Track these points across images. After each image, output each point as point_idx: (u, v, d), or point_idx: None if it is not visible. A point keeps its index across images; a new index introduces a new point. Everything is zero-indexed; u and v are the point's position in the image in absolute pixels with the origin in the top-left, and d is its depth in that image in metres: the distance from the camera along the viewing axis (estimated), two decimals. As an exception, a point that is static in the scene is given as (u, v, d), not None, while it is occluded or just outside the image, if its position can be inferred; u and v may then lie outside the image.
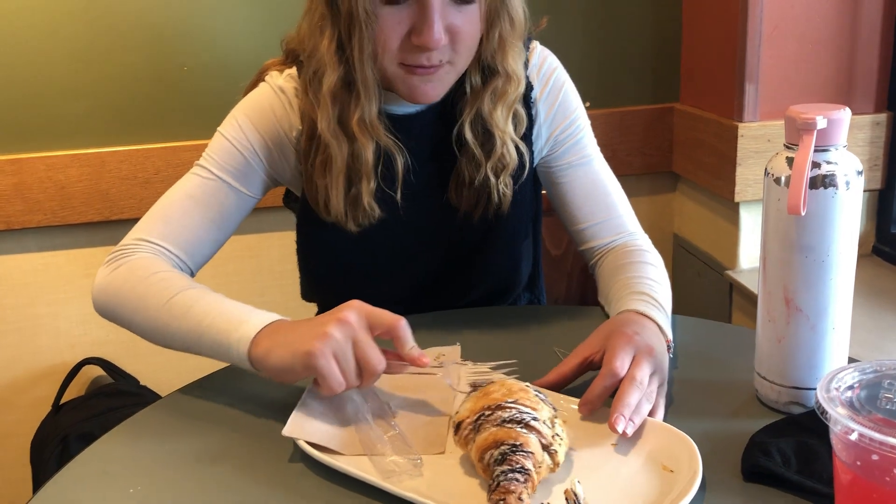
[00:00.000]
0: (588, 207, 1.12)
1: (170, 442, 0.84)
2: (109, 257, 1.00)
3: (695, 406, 0.85)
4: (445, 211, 1.08)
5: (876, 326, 1.42)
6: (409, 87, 0.97)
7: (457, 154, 1.06)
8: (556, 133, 1.12)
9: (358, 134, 0.98)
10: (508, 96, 1.03)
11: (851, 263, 0.78)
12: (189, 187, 1.03)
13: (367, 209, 1.02)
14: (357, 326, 0.79)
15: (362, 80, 0.96)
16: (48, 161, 1.68)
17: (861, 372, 0.56)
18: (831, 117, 0.75)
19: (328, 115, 0.98)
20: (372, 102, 0.98)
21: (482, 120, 1.04)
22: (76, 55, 1.65)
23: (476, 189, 1.06)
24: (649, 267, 1.04)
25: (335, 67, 0.96)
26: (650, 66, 1.85)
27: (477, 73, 1.03)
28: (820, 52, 1.61)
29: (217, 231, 1.04)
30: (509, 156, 1.05)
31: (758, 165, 1.62)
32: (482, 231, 1.10)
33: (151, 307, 0.92)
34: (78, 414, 1.68)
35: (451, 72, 0.98)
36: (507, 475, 0.67)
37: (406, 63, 0.95)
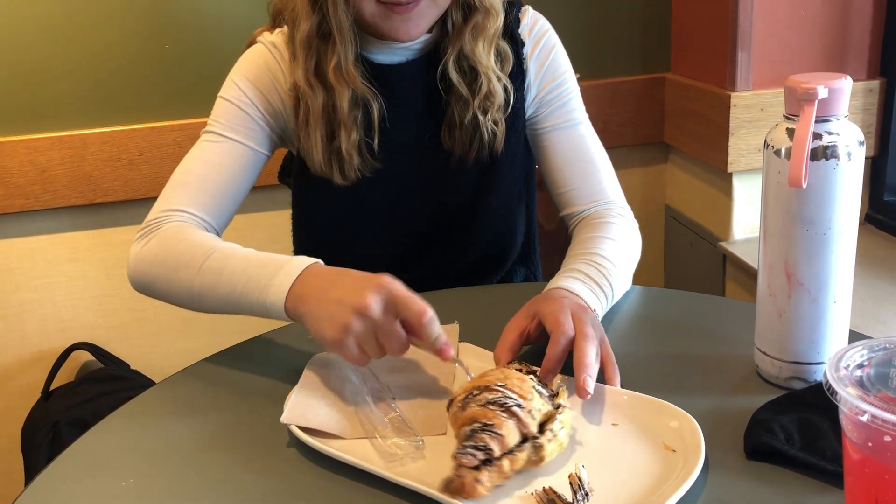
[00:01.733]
0: (569, 171, 1.12)
1: (164, 430, 0.83)
2: (139, 234, 1.00)
3: (694, 383, 0.84)
4: (440, 159, 1.09)
5: (871, 295, 1.42)
6: (389, 27, 0.98)
7: (444, 99, 1.06)
8: (542, 93, 1.12)
9: (333, 82, 1.00)
10: (488, 30, 1.04)
11: (853, 236, 0.77)
12: (202, 153, 1.04)
13: (346, 159, 1.03)
14: (380, 317, 0.78)
15: (337, 25, 0.97)
16: (29, 144, 1.64)
17: (870, 350, 0.55)
18: (832, 87, 0.73)
19: (304, 65, 1.00)
20: (348, 49, 0.99)
21: (466, 58, 1.04)
22: (55, 35, 1.61)
23: (466, 129, 1.06)
24: (607, 242, 1.03)
25: (308, 16, 0.98)
26: (640, 36, 1.83)
27: (458, 11, 1.04)
28: (812, 18, 1.59)
29: (236, 190, 1.05)
30: (495, 92, 1.05)
31: (751, 135, 1.61)
32: (477, 179, 1.10)
33: (185, 277, 0.92)
34: (68, 400, 1.66)
35: (431, 6, 0.99)
36: (464, 449, 0.67)
37: (384, 1, 0.95)
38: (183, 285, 0.93)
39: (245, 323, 1.83)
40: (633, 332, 0.96)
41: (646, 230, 2.03)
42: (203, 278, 0.91)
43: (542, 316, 0.85)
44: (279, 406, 0.79)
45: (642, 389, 0.79)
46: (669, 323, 0.98)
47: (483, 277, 1.18)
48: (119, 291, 1.79)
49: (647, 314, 1.01)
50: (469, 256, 1.16)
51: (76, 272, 1.76)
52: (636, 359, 0.89)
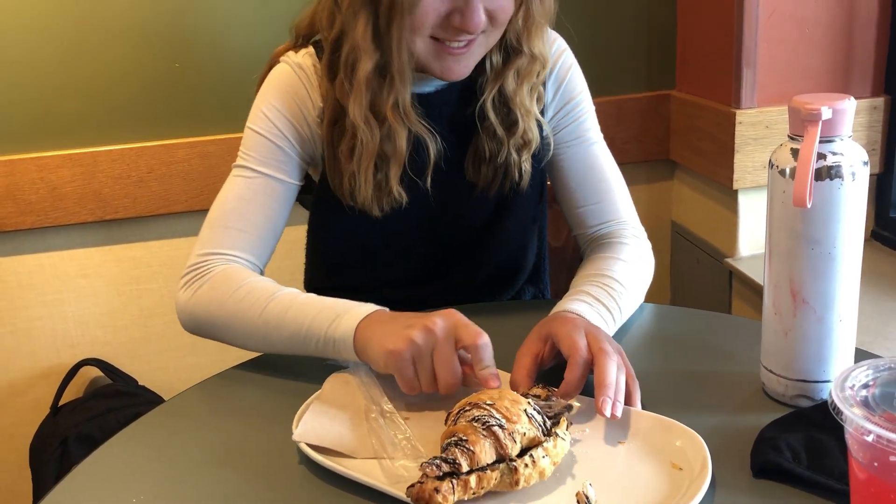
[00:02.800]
0: (583, 190, 1.12)
1: (173, 447, 0.83)
2: (185, 279, 1.01)
3: (701, 400, 0.84)
4: (461, 188, 1.09)
5: (877, 312, 1.42)
6: (441, 67, 0.97)
7: (477, 130, 1.06)
8: (559, 113, 1.13)
9: (392, 120, 0.99)
10: (533, 76, 1.04)
11: (858, 254, 0.78)
12: (237, 190, 1.03)
13: (395, 195, 1.03)
14: (441, 336, 0.80)
15: (398, 66, 0.95)
16: (40, 162, 1.66)
17: (876, 369, 0.55)
18: (836, 107, 0.74)
19: (361, 102, 0.98)
20: (406, 88, 0.98)
21: (504, 98, 1.04)
22: (66, 53, 1.63)
23: (497, 166, 1.07)
24: (618, 263, 1.03)
25: (371, 54, 0.95)
26: (646, 54, 1.84)
27: (498, 53, 1.04)
28: (818, 36, 1.60)
29: (274, 225, 1.05)
30: (532, 133, 1.06)
31: (756, 152, 1.61)
32: (495, 208, 1.11)
33: (247, 320, 0.94)
34: (77, 416, 1.67)
35: (482, 45, 0.98)
36: (431, 461, 0.67)
37: (438, 38, 0.95)
38: (247, 327, 0.94)
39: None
40: (640, 350, 0.96)
41: (652, 246, 2.04)
42: (268, 319, 0.93)
43: (557, 338, 0.85)
44: (288, 423, 0.80)
45: (649, 407, 0.80)
46: (676, 340, 0.99)
47: (493, 296, 1.19)
48: (128, 308, 1.80)
49: (654, 331, 1.02)
50: (481, 276, 1.17)
51: (86, 288, 1.77)
52: (642, 376, 0.89)
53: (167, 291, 1.80)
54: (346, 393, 0.86)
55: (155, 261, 1.78)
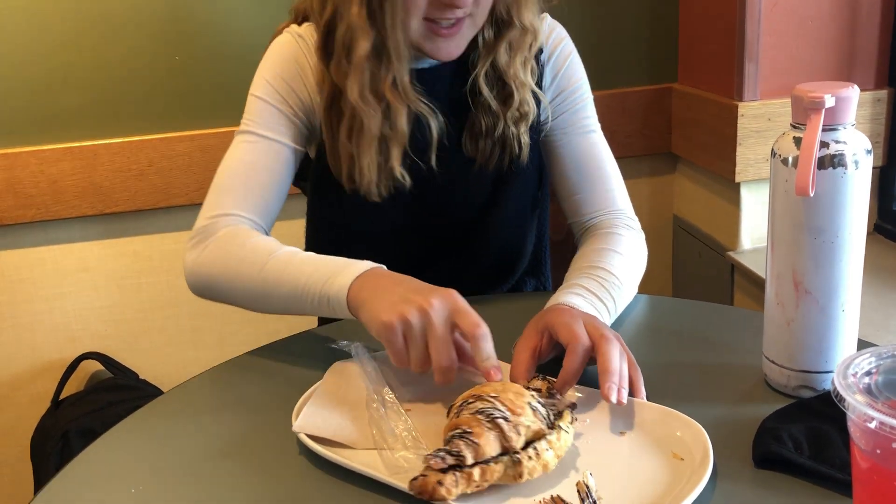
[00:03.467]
0: (578, 178, 1.13)
1: (172, 439, 0.83)
2: (193, 240, 1.01)
3: (703, 391, 0.84)
4: (459, 165, 1.09)
5: (881, 304, 1.42)
6: (433, 47, 0.99)
7: (473, 105, 1.07)
8: (557, 99, 1.13)
9: (391, 99, 0.99)
10: (525, 48, 1.05)
11: (861, 244, 0.77)
12: (241, 154, 1.04)
13: (397, 177, 1.03)
14: (437, 318, 0.79)
15: (394, 44, 0.96)
16: (40, 155, 1.65)
17: (878, 357, 0.55)
18: (839, 95, 0.73)
19: (360, 82, 0.98)
20: (403, 66, 0.99)
21: (498, 71, 1.05)
22: (66, 46, 1.63)
23: (494, 140, 1.07)
24: (613, 255, 1.03)
25: (367, 33, 0.96)
26: (647, 47, 1.83)
27: (490, 27, 1.04)
28: (820, 28, 1.59)
29: (279, 188, 1.05)
30: (528, 105, 1.06)
31: (758, 145, 1.61)
32: (493, 186, 1.11)
33: (248, 278, 0.94)
34: (78, 409, 1.67)
35: (470, 26, 1.00)
36: (437, 453, 0.67)
37: (431, 17, 0.96)
38: (246, 285, 0.95)
39: (254, 334, 1.84)
40: (642, 342, 0.96)
41: (654, 240, 2.03)
42: (266, 276, 0.93)
43: (555, 328, 0.84)
44: (288, 415, 0.80)
45: (651, 398, 0.79)
46: (678, 332, 0.98)
47: (493, 286, 1.18)
48: (129, 301, 1.80)
49: (656, 323, 1.01)
50: (480, 264, 1.16)
51: (86, 282, 1.77)
52: (645, 368, 0.88)
53: (168, 285, 1.80)
54: (347, 383, 0.85)
55: (156, 254, 1.77)
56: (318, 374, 0.88)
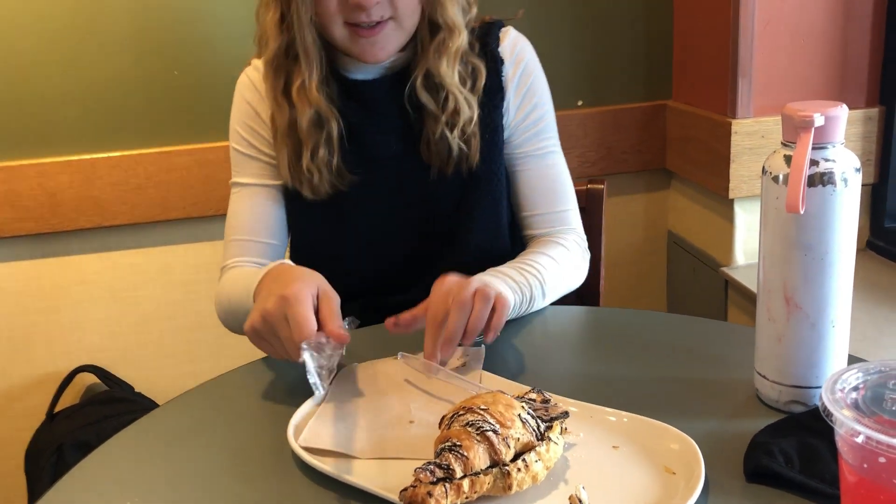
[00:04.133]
0: (535, 197, 1.17)
1: (167, 452, 0.83)
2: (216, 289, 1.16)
3: (695, 406, 0.84)
4: (420, 172, 1.12)
5: (872, 321, 1.43)
6: (358, 50, 1.05)
7: (418, 113, 1.10)
8: (519, 118, 1.16)
9: (296, 100, 1.06)
10: (450, 48, 1.07)
11: (851, 260, 0.78)
12: (232, 206, 1.16)
13: (309, 176, 1.09)
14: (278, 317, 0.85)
15: (302, 46, 1.04)
16: (39, 168, 1.66)
17: (865, 372, 0.56)
18: (828, 114, 0.74)
19: (272, 84, 1.08)
20: (312, 69, 1.05)
21: (433, 76, 1.08)
22: (67, 60, 1.64)
23: (438, 144, 1.10)
24: (544, 257, 1.08)
25: (276, 37, 1.05)
26: (642, 64, 1.85)
27: (426, 31, 1.08)
28: (812, 47, 1.61)
29: (275, 223, 1.15)
30: (461, 108, 1.09)
31: (752, 162, 1.62)
32: (459, 194, 1.14)
33: (227, 307, 1.10)
34: (73, 422, 1.67)
35: (396, 29, 1.05)
36: (425, 466, 0.67)
37: (350, 22, 1.02)
38: (229, 314, 1.10)
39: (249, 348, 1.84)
40: (634, 356, 0.97)
41: (648, 255, 2.05)
42: (231, 300, 1.07)
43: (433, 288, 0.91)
44: (283, 428, 0.80)
45: (643, 412, 0.80)
46: (671, 347, 0.99)
47: None
48: (125, 314, 1.80)
49: (649, 338, 1.02)
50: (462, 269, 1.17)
51: (83, 295, 1.77)
52: (637, 382, 0.90)
53: (164, 298, 1.80)
54: (347, 394, 0.86)
55: (152, 267, 1.78)
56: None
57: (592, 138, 1.84)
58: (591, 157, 1.85)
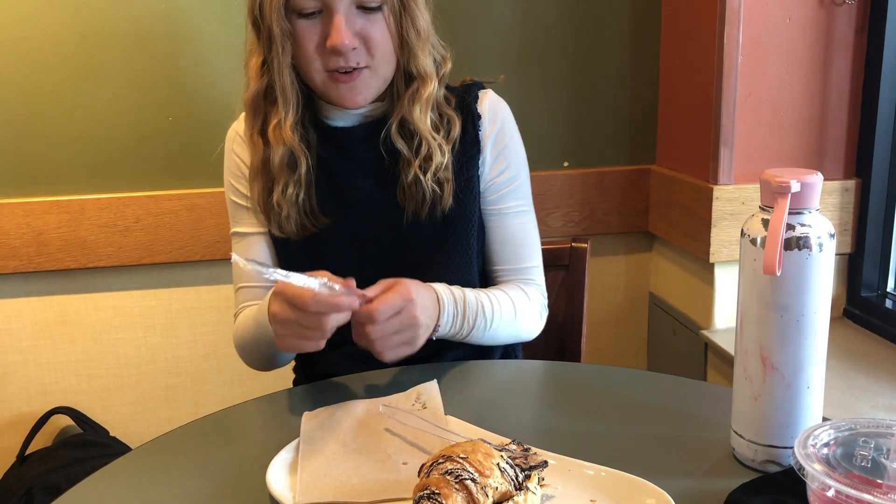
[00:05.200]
0: (504, 253, 1.22)
1: (140, 496, 0.82)
2: None
3: (671, 463, 0.85)
4: (395, 216, 1.16)
5: (848, 388, 1.44)
6: (337, 95, 1.10)
7: (393, 158, 1.14)
8: (493, 175, 1.20)
9: (271, 138, 1.12)
10: (422, 95, 1.12)
11: (825, 323, 0.80)
12: (236, 256, 1.15)
13: (278, 211, 1.13)
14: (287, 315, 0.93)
15: (281, 88, 1.10)
16: (27, 207, 1.67)
17: (837, 429, 0.57)
18: (805, 181, 0.77)
19: (250, 123, 1.14)
20: (289, 111, 1.11)
21: (406, 122, 1.13)
22: (61, 101, 1.66)
23: (412, 187, 1.14)
24: (501, 294, 1.16)
25: (257, 80, 1.12)
26: (628, 129, 1.90)
27: (402, 80, 1.14)
28: (792, 119, 1.66)
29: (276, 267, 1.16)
30: (433, 153, 1.13)
31: (732, 227, 1.66)
32: (432, 237, 1.17)
33: (243, 344, 1.17)
34: (44, 465, 1.64)
35: (373, 77, 1.10)
36: None
37: (329, 69, 1.08)
38: (245, 350, 1.17)
39: (228, 395, 1.83)
40: (613, 412, 0.97)
41: (629, 317, 2.06)
42: (245, 337, 1.15)
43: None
44: (258, 476, 0.80)
45: (620, 467, 0.80)
46: (649, 404, 1.00)
47: (453, 343, 1.19)
48: (104, 357, 1.79)
49: (628, 395, 1.03)
50: None
51: (63, 335, 1.76)
52: (615, 437, 0.90)
53: (144, 342, 1.80)
54: (330, 436, 0.87)
55: (136, 310, 1.78)
56: (292, 433, 0.88)
57: (577, 199, 1.88)
58: (575, 216, 1.88)
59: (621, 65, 1.85)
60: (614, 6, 1.82)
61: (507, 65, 1.80)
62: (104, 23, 1.64)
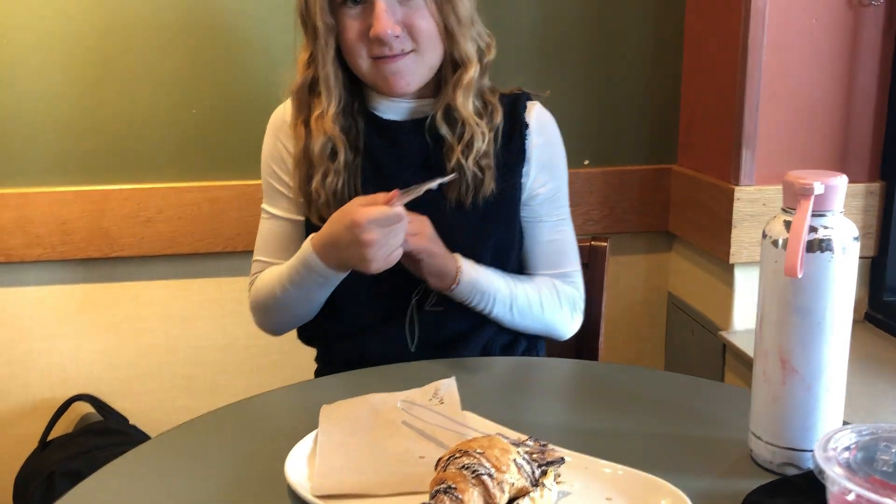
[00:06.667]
0: (544, 259, 1.24)
1: (159, 484, 0.83)
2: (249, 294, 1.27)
3: (689, 464, 0.85)
4: (436, 202, 1.16)
5: (869, 392, 1.43)
6: (383, 79, 1.13)
7: (438, 145, 1.17)
8: (538, 184, 1.22)
9: (313, 128, 1.15)
10: (464, 80, 1.15)
11: (847, 326, 0.79)
12: (260, 229, 1.27)
13: (316, 198, 1.16)
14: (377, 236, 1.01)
15: (324, 80, 1.14)
16: (52, 196, 1.69)
17: (858, 434, 0.57)
18: (828, 183, 0.77)
19: (295, 114, 1.18)
20: (331, 101, 1.14)
21: (450, 109, 1.16)
22: (87, 93, 1.68)
23: (453, 170, 1.15)
24: (530, 282, 1.20)
25: (303, 73, 1.16)
26: (649, 128, 1.89)
27: (449, 68, 1.17)
28: (815, 119, 1.65)
29: (287, 252, 1.21)
30: (475, 138, 1.15)
31: (753, 228, 1.65)
32: (473, 224, 1.18)
33: (269, 295, 1.19)
34: (65, 451, 1.66)
35: (418, 62, 1.13)
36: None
37: (373, 55, 1.11)
38: (269, 300, 1.19)
39: (246, 384, 1.84)
40: (631, 411, 0.98)
41: (648, 316, 2.06)
42: (273, 287, 1.17)
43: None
44: (277, 465, 0.81)
45: (637, 466, 0.80)
46: (667, 404, 1.00)
47: (482, 331, 1.21)
48: (125, 346, 1.81)
49: (646, 394, 1.03)
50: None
51: (85, 324, 1.78)
52: (632, 436, 0.91)
53: (164, 332, 1.81)
54: (348, 429, 0.87)
55: (156, 300, 1.79)
56: (308, 425, 0.89)
57: (597, 197, 1.87)
58: (595, 215, 1.88)
59: (643, 64, 1.85)
60: (637, 5, 1.81)
61: (529, 63, 1.80)
62: (128, 16, 1.65)
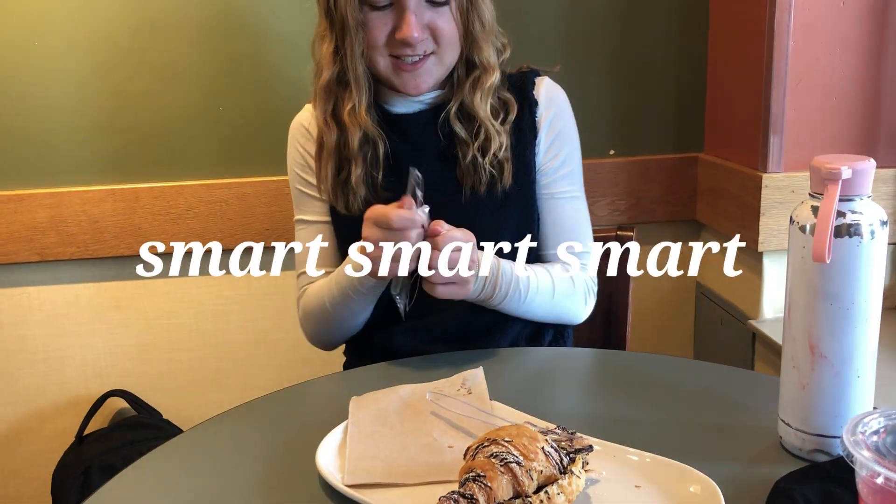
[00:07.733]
0: (557, 238, 1.23)
1: (193, 477, 0.85)
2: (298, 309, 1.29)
3: (718, 450, 0.85)
4: (455, 195, 1.18)
5: (901, 379, 1.41)
6: (400, 82, 1.15)
7: (451, 141, 1.18)
8: (548, 158, 1.22)
9: (347, 123, 1.16)
10: (484, 84, 1.17)
11: (877, 312, 0.79)
12: (298, 239, 1.28)
13: (353, 189, 1.17)
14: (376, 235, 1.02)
15: (354, 75, 1.14)
16: (84, 195, 1.72)
17: (887, 418, 0.56)
18: (856, 168, 0.76)
19: (323, 107, 1.18)
20: (362, 95, 1.15)
21: (466, 107, 1.17)
22: (117, 92, 1.70)
23: (469, 168, 1.17)
24: (542, 271, 1.18)
25: (330, 66, 1.15)
26: (675, 116, 1.88)
27: (462, 67, 1.18)
28: (844, 105, 1.63)
29: (332, 256, 1.25)
30: (492, 137, 1.17)
31: (781, 216, 1.63)
32: (489, 212, 1.19)
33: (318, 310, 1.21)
34: (101, 445, 1.69)
35: (437, 64, 1.15)
36: (451, 495, 0.69)
37: (394, 55, 1.12)
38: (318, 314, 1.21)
39: (277, 379, 1.86)
40: (659, 399, 0.98)
41: (676, 306, 2.04)
42: (322, 302, 1.19)
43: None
44: (309, 454, 0.82)
45: (666, 454, 0.81)
46: (695, 391, 1.00)
47: (513, 323, 1.21)
48: (157, 341, 1.84)
49: (674, 382, 1.03)
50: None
51: (118, 320, 1.81)
52: (661, 424, 0.91)
53: (196, 327, 1.84)
54: (377, 420, 0.89)
55: (187, 296, 1.82)
56: (337, 417, 0.90)
57: (623, 187, 1.87)
58: (621, 205, 1.87)
59: (668, 52, 1.83)
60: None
61: (554, 52, 1.79)
62: (156, 16, 1.68)
